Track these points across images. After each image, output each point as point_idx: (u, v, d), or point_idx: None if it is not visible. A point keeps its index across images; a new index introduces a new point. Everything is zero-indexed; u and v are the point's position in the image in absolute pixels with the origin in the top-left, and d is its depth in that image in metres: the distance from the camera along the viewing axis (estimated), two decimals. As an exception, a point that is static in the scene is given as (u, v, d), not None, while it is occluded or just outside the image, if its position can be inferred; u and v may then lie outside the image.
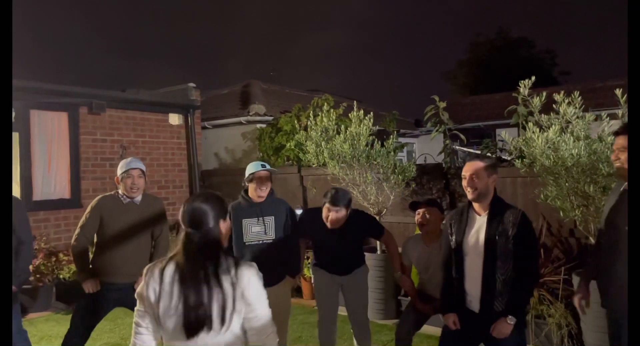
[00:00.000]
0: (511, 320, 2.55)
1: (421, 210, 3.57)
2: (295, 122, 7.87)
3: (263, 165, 3.54)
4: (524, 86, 4.36)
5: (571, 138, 3.87)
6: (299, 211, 4.15)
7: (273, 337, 1.84)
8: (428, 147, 9.67)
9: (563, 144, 3.86)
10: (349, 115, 5.79)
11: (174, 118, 8.16)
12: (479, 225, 2.68)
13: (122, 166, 3.53)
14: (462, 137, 6.37)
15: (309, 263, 4.28)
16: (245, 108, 9.61)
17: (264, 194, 3.53)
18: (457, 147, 7.26)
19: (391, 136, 5.65)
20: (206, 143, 9.41)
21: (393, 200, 5.43)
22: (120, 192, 3.55)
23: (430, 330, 4.19)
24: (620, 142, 2.42)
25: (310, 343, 4.48)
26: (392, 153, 5.48)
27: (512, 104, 5.53)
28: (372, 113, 5.59)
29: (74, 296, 3.78)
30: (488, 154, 5.63)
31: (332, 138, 5.62)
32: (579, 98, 4.01)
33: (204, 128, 9.45)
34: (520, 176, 4.76)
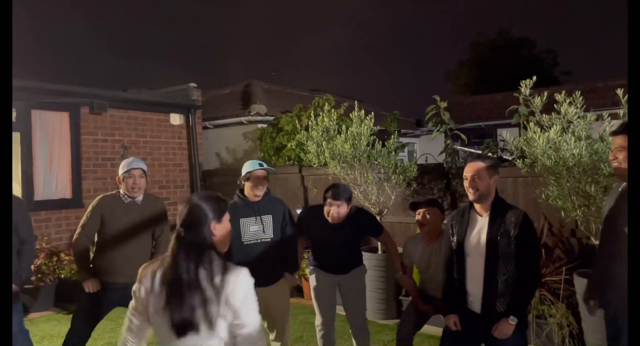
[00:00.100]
0: (513, 321, 2.55)
1: (421, 210, 3.57)
2: (297, 122, 7.87)
3: (260, 164, 3.49)
4: (525, 86, 4.36)
5: (572, 138, 3.86)
6: (300, 211, 4.15)
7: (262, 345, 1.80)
8: (429, 147, 9.69)
9: (564, 144, 3.85)
10: (350, 115, 5.78)
11: (175, 118, 8.16)
12: (481, 225, 2.67)
13: (124, 166, 3.54)
14: (463, 137, 6.37)
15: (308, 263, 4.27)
16: (246, 108, 9.61)
17: (261, 193, 3.48)
18: (458, 147, 7.24)
19: (392, 136, 5.64)
20: (207, 143, 9.41)
21: (394, 200, 5.43)
22: (121, 192, 3.56)
23: (432, 330, 4.19)
24: (618, 141, 2.40)
25: (311, 343, 4.47)
26: (393, 153, 5.47)
27: (513, 104, 5.53)
28: (373, 113, 5.59)
29: (75, 296, 3.78)
30: (489, 154, 5.63)
31: (333, 138, 5.62)
32: (580, 98, 4.00)
33: (205, 128, 9.46)
34: (521, 176, 4.76)
